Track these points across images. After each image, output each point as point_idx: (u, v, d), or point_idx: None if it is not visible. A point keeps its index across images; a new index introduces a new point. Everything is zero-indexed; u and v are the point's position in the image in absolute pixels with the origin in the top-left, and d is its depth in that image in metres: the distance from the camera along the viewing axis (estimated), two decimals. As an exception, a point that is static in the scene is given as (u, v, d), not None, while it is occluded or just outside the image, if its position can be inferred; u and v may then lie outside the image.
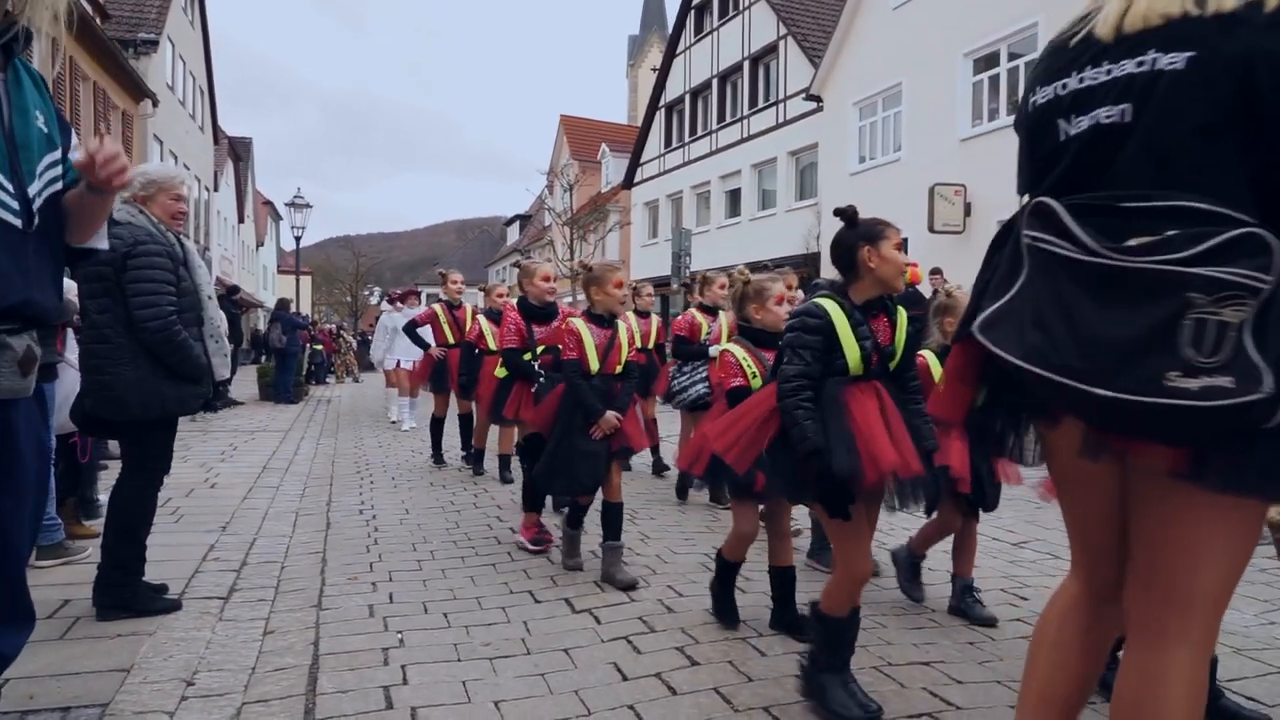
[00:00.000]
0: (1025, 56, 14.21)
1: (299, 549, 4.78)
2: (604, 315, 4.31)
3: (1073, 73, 1.58)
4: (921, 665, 3.20)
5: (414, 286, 12.45)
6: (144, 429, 3.55)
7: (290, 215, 19.45)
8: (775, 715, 2.75)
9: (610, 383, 4.28)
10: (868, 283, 2.72)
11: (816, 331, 2.65)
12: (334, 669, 3.08)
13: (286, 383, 14.80)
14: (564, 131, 40.32)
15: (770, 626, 3.53)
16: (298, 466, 7.69)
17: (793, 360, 2.64)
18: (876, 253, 2.67)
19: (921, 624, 3.68)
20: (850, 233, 2.73)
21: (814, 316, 2.67)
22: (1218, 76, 1.38)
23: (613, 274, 4.32)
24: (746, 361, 3.54)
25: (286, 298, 17.00)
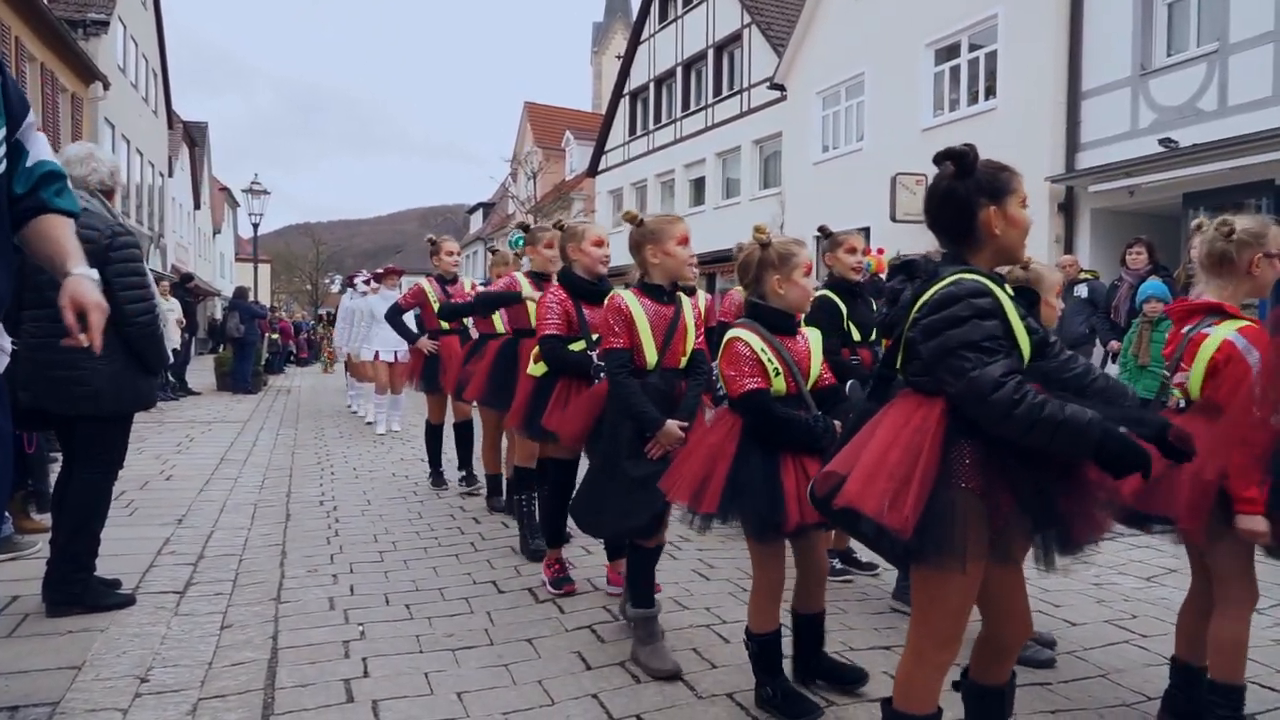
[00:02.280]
0: (986, 47, 14.35)
1: (258, 541, 4.70)
2: (663, 286, 3.20)
3: None
4: (883, 650, 3.24)
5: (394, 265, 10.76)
6: (107, 423, 3.49)
7: (248, 202, 19.09)
8: (739, 702, 2.76)
9: (672, 380, 3.19)
10: (988, 253, 1.97)
11: (991, 314, 1.83)
12: (293, 663, 3.04)
13: (245, 372, 14.56)
14: (528, 118, 39.97)
15: (794, 679, 2.84)
16: (256, 457, 7.57)
17: (985, 359, 1.78)
18: (1003, 214, 1.94)
19: (881, 609, 3.72)
20: (966, 184, 1.95)
21: (980, 295, 1.84)
22: None
23: (675, 228, 3.13)
24: (765, 354, 2.66)
25: (245, 286, 16.69)
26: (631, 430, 3.04)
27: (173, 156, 31.00)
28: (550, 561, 3.97)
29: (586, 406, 3.43)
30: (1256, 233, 2.46)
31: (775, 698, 2.67)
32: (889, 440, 1.89)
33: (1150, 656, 3.20)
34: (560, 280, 3.88)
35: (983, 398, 1.76)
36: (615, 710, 2.70)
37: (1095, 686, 2.94)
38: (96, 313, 1.94)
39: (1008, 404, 1.74)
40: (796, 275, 2.71)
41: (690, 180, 24.77)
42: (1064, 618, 3.61)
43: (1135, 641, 3.37)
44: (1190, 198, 11.02)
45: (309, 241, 63.33)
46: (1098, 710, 2.75)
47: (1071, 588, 3.96)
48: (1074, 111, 12.75)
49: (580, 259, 3.81)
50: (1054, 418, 1.72)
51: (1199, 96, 11.03)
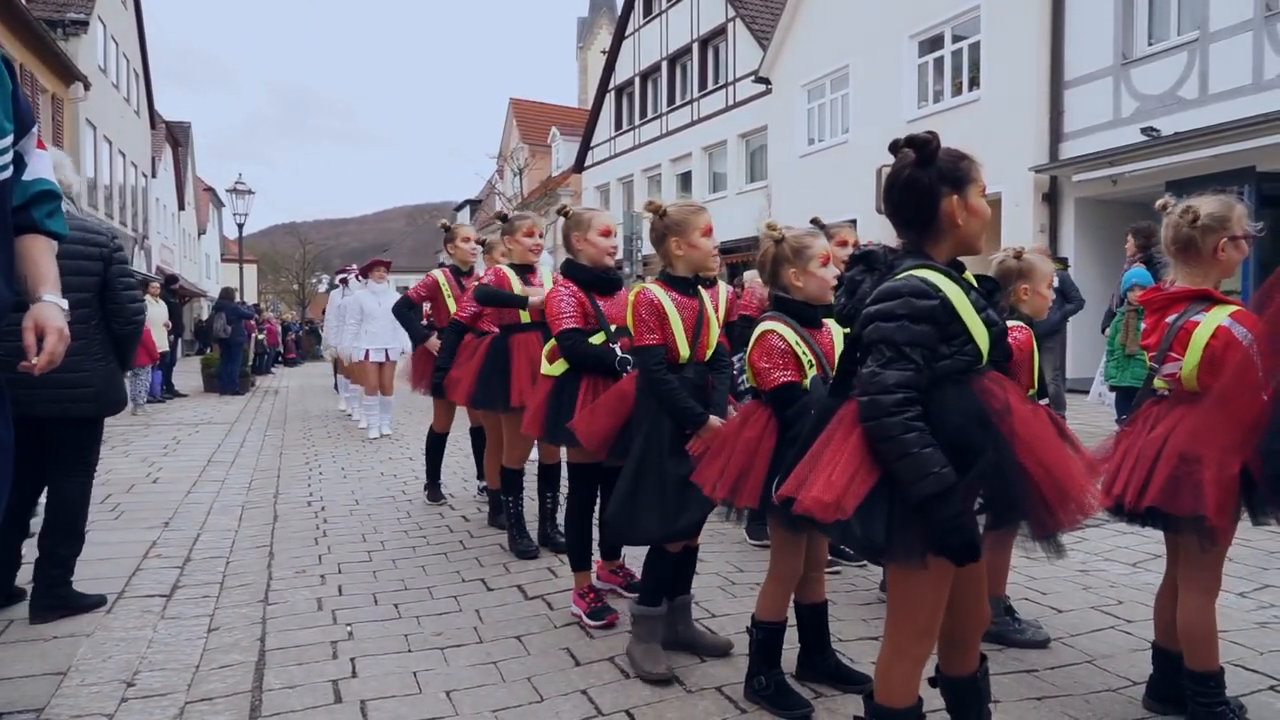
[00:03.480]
0: (969, 38, 14.39)
1: (245, 543, 4.68)
2: (688, 278, 3.09)
3: None
4: (871, 640, 3.25)
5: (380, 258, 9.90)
6: (95, 423, 3.55)
7: (232, 202, 18.97)
8: (727, 695, 2.77)
9: (703, 374, 3.10)
10: (948, 244, 1.96)
11: (928, 318, 1.82)
12: (281, 664, 3.03)
13: (232, 373, 14.50)
14: (513, 115, 39.85)
15: (797, 677, 2.85)
16: (244, 459, 7.53)
17: (894, 363, 1.81)
18: (965, 203, 1.92)
19: (869, 600, 3.73)
20: (927, 172, 1.92)
21: (922, 296, 1.83)
22: None
23: (700, 218, 3.03)
24: (800, 346, 2.63)
25: (231, 287, 16.61)
26: (672, 429, 2.91)
27: (156, 157, 30.78)
28: (584, 590, 3.54)
29: (612, 406, 3.21)
30: (1221, 216, 2.44)
31: (768, 689, 2.67)
32: (838, 439, 1.90)
33: (1136, 642, 3.22)
34: (567, 272, 3.63)
35: (869, 393, 1.82)
36: (604, 705, 2.70)
37: (1081, 672, 2.96)
38: (56, 337, 2.00)
39: (883, 410, 1.79)
40: (813, 266, 2.69)
41: (677, 175, 24.76)
42: (1051, 604, 3.63)
43: (1121, 627, 3.40)
44: (1173, 186, 11.06)
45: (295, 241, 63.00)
46: (1084, 696, 2.77)
47: (1058, 575, 3.98)
48: (1057, 101, 12.81)
49: (586, 249, 3.59)
50: (907, 447, 1.76)
51: (1180, 85, 11.09)
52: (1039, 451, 1.83)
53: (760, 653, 2.72)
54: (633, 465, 2.95)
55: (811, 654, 2.88)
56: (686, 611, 3.19)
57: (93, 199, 21.20)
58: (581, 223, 3.60)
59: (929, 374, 1.83)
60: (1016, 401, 1.89)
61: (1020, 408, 1.88)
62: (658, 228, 3.04)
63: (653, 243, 3.11)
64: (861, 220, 15.42)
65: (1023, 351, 2.99)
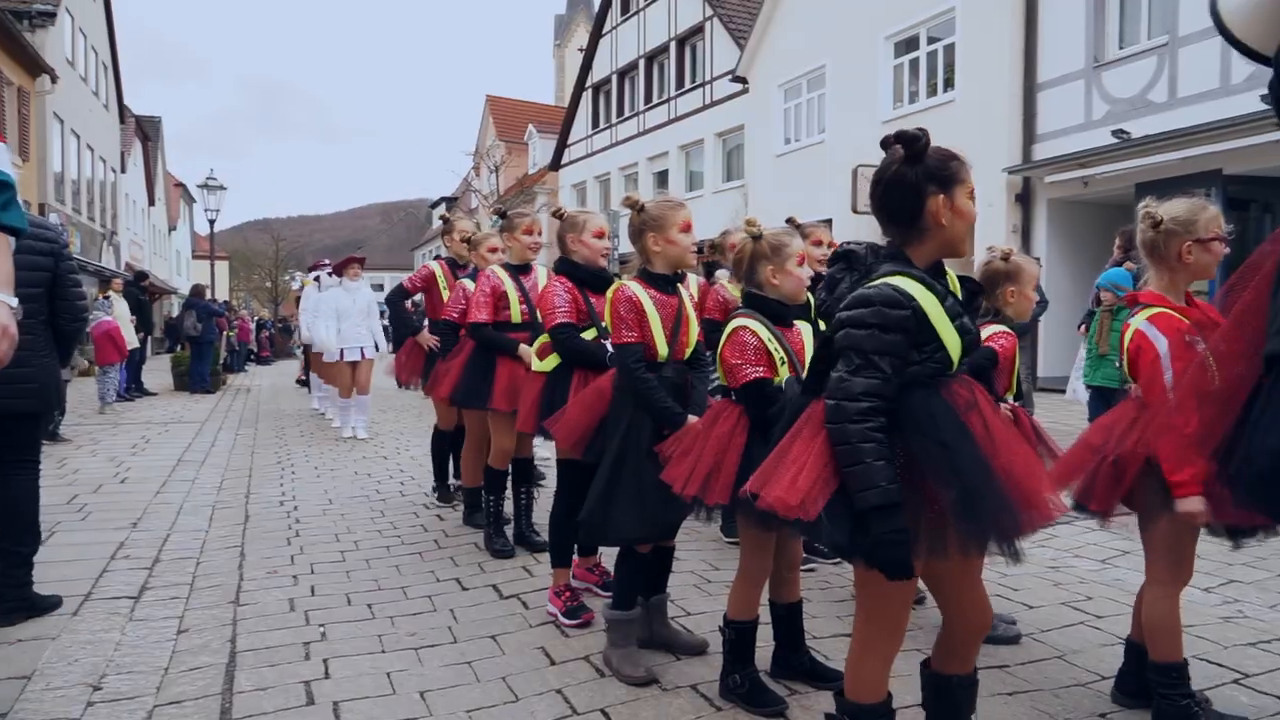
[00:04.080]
0: (944, 40, 14.52)
1: (215, 544, 4.63)
2: (667, 275, 3.05)
3: None
4: (845, 637, 3.27)
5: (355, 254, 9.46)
6: (39, 419, 3.52)
7: (204, 197, 18.72)
8: (703, 693, 2.77)
9: (682, 373, 3.05)
10: (932, 245, 1.93)
11: (899, 328, 1.81)
12: (252, 666, 2.99)
13: (203, 372, 14.32)
14: (490, 112, 39.70)
15: (772, 675, 2.86)
16: (215, 458, 7.45)
17: (862, 371, 1.81)
18: (950, 203, 1.89)
19: (843, 597, 3.76)
20: (915, 170, 1.89)
21: (895, 305, 1.82)
22: None
23: (678, 214, 2.99)
24: (772, 343, 2.64)
25: (202, 284, 16.39)
26: (651, 429, 2.87)
27: (125, 151, 30.30)
28: (560, 588, 3.50)
29: (589, 403, 3.17)
30: (1184, 220, 2.47)
31: (743, 687, 2.68)
32: (804, 436, 1.90)
33: (1105, 637, 3.27)
34: (562, 269, 3.63)
35: (835, 398, 1.82)
36: (580, 705, 2.70)
37: (1051, 667, 2.99)
38: (7, 344, 2.06)
39: (846, 416, 1.79)
40: (790, 265, 2.69)
41: (654, 173, 24.77)
42: (1022, 601, 3.67)
43: (1090, 623, 3.44)
44: (1142, 188, 11.23)
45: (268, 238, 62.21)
46: (1054, 690, 2.80)
47: (1029, 571, 4.02)
48: (1030, 103, 12.96)
49: (580, 250, 3.59)
50: (861, 456, 1.77)
51: (1150, 88, 11.26)
52: (1004, 454, 1.82)
53: (734, 651, 2.72)
54: (609, 465, 2.89)
55: (786, 652, 2.89)
56: (662, 611, 3.18)
57: (60, 194, 20.85)
58: (576, 224, 3.61)
59: (897, 382, 1.82)
60: (984, 404, 1.89)
61: (987, 409, 1.88)
62: (635, 223, 3.00)
63: (630, 238, 3.07)
64: (837, 220, 15.52)
65: (1006, 356, 3.01)
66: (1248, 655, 3.09)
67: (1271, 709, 2.69)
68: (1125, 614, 3.53)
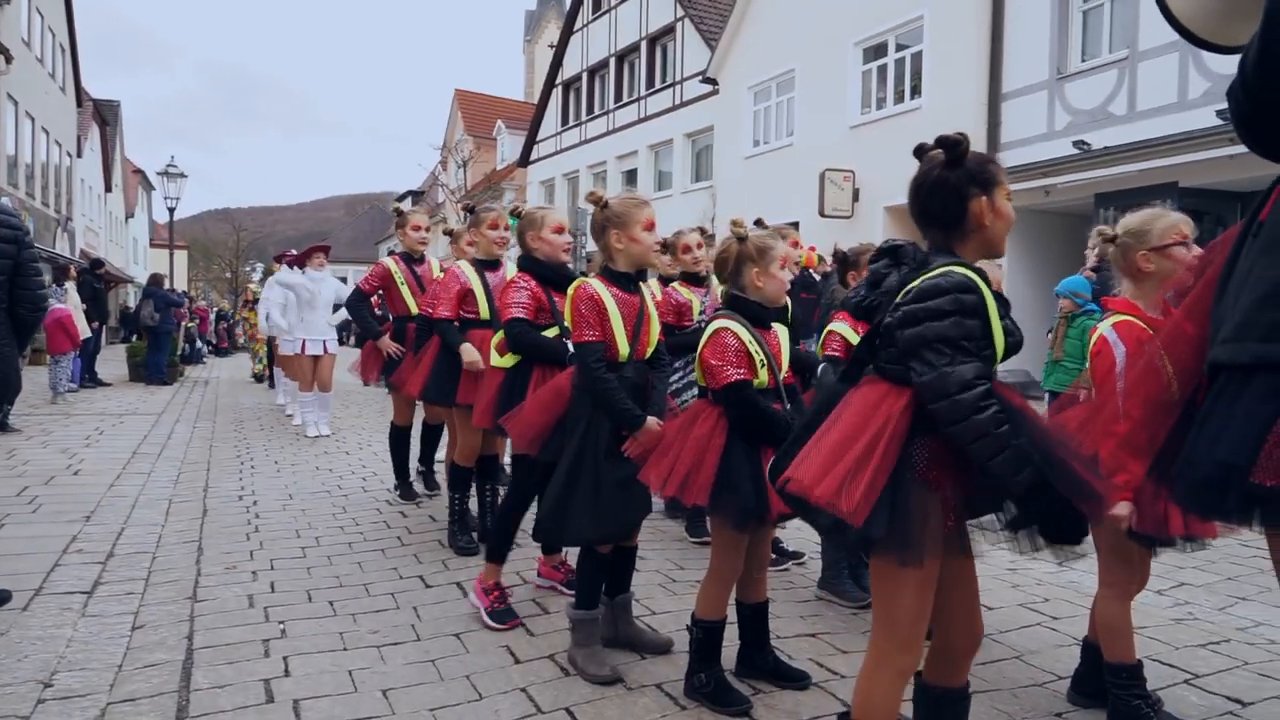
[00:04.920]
0: (912, 47, 14.67)
1: (172, 538, 4.53)
2: (629, 273, 3.00)
3: None
4: (808, 638, 3.30)
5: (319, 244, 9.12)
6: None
7: (163, 185, 18.35)
8: (668, 692, 2.78)
9: (643, 373, 3.01)
10: (974, 245, 1.93)
11: (975, 313, 1.80)
12: (210, 663, 2.94)
13: (159, 363, 14.02)
14: (458, 106, 39.37)
15: (736, 674, 2.87)
16: (172, 451, 7.30)
17: (959, 358, 1.76)
18: (992, 204, 1.90)
19: (807, 598, 3.79)
20: (958, 173, 1.91)
21: (968, 290, 1.80)
22: None
23: (642, 212, 2.95)
24: (753, 345, 2.64)
25: (160, 273, 16.05)
26: (611, 429, 2.83)
27: (82, 136, 29.57)
28: (489, 585, 3.44)
29: (546, 402, 3.11)
30: (1136, 230, 2.53)
31: (708, 686, 2.69)
32: (849, 427, 1.85)
33: (1061, 638, 3.33)
34: (525, 267, 3.62)
35: (949, 395, 1.74)
36: (544, 703, 2.69)
37: (1010, 667, 3.04)
38: None
39: (970, 408, 1.72)
40: (774, 268, 2.69)
41: (623, 172, 24.74)
42: (982, 602, 3.72)
43: (1047, 624, 3.51)
44: (1101, 198, 11.48)
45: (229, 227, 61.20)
46: (1012, 690, 2.85)
47: (988, 573, 4.09)
48: (994, 113, 13.15)
49: (541, 246, 3.57)
50: (1004, 439, 1.72)
51: (1110, 101, 11.49)
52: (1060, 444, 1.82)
53: (700, 651, 2.73)
54: (567, 465, 2.86)
55: (751, 652, 2.91)
56: (627, 610, 3.18)
57: (13, 178, 20.29)
58: (535, 221, 3.58)
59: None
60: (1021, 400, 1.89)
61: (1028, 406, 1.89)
62: (598, 220, 2.96)
63: (593, 235, 3.02)
64: (805, 223, 15.61)
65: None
66: (1198, 656, 3.17)
67: (1221, 709, 2.77)
68: (1081, 615, 3.60)
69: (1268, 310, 1.26)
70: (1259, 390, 1.25)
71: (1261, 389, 1.25)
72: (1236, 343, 1.30)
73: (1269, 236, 1.33)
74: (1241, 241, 1.44)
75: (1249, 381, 1.27)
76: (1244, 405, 1.26)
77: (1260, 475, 1.20)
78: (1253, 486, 1.21)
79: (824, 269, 10.32)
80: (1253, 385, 1.26)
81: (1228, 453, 1.27)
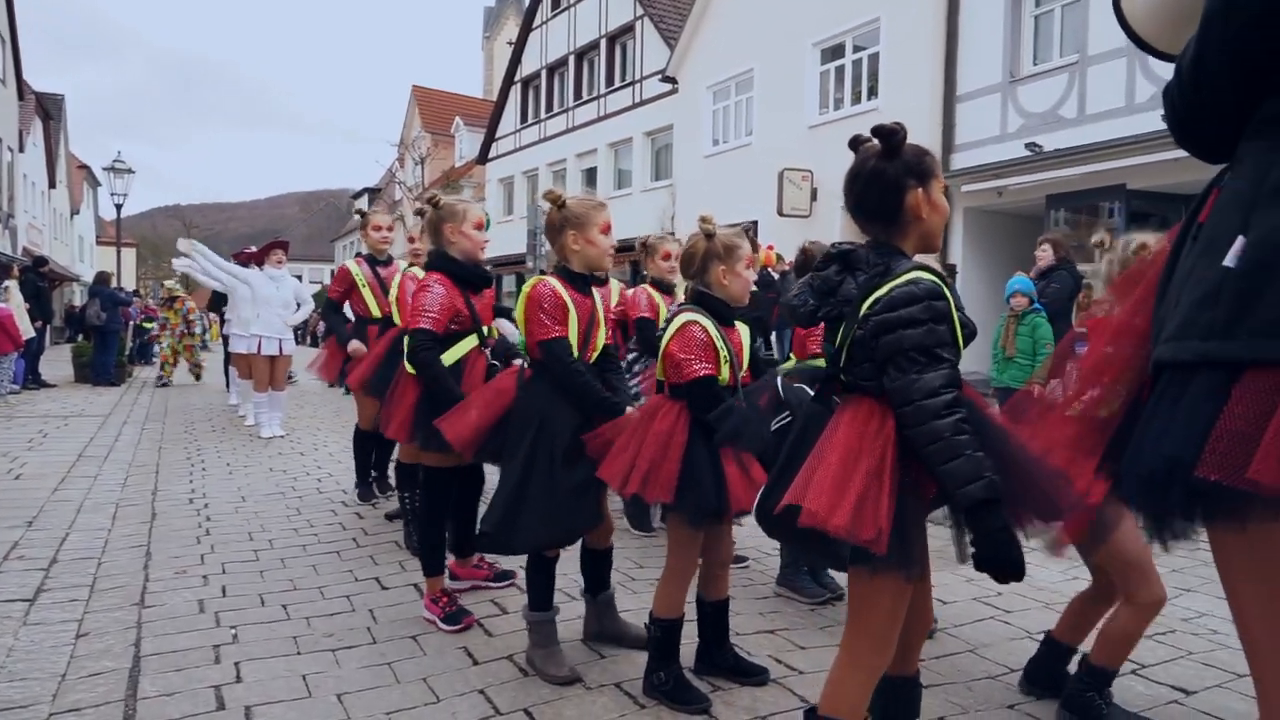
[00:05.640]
0: (869, 49, 14.85)
1: (119, 543, 4.42)
2: (584, 275, 2.95)
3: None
4: (767, 634, 3.32)
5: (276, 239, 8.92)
6: None
7: (110, 181, 17.87)
8: (626, 691, 2.77)
9: (595, 374, 2.95)
10: (912, 239, 1.92)
11: (945, 318, 1.79)
12: (158, 670, 2.86)
13: (107, 363, 13.67)
14: (416, 102, 38.96)
15: (695, 671, 2.88)
16: (119, 454, 7.11)
17: (931, 366, 1.75)
18: (928, 197, 1.89)
19: (765, 594, 3.81)
20: (894, 164, 1.88)
21: (938, 296, 1.79)
22: None
23: (600, 214, 2.91)
24: (719, 340, 2.64)
25: (107, 271, 15.65)
26: (567, 435, 2.74)
27: (24, 130, 28.71)
28: (436, 595, 3.38)
29: (487, 402, 2.98)
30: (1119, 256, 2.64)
31: (667, 684, 2.69)
32: (848, 450, 1.79)
33: (1014, 631, 3.39)
34: (440, 265, 3.34)
35: (913, 400, 1.74)
36: (503, 705, 2.67)
37: (964, 660, 3.09)
38: None
39: (932, 413, 1.72)
40: (739, 267, 2.71)
41: (583, 170, 24.71)
42: (936, 596, 3.77)
43: (1000, 617, 3.57)
44: (1052, 199, 11.72)
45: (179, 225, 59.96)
46: (966, 683, 2.89)
47: (943, 567, 4.14)
48: (949, 114, 13.36)
49: (460, 242, 3.36)
50: (960, 449, 1.69)
51: (1061, 104, 11.73)
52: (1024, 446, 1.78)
53: (659, 649, 2.73)
54: (518, 472, 2.73)
55: (710, 648, 2.91)
56: (610, 606, 3.20)
57: (-49, 172, 19.62)
58: (456, 214, 3.37)
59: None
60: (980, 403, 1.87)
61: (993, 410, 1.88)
62: (555, 220, 2.90)
63: (548, 235, 2.95)
64: (764, 222, 15.73)
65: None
66: (1144, 646, 3.23)
67: (1166, 698, 2.84)
68: (1033, 609, 3.68)
69: (1206, 310, 1.30)
70: (1202, 387, 1.28)
71: (1204, 386, 1.28)
72: (1179, 341, 1.34)
73: (1207, 239, 1.37)
74: (1181, 243, 1.47)
75: (1191, 379, 1.30)
76: (1188, 402, 1.29)
77: (1204, 470, 1.22)
78: (1197, 481, 1.24)
79: (783, 267, 10.43)
80: (1195, 382, 1.30)
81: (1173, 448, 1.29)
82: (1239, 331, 1.24)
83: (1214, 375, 1.27)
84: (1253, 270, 1.25)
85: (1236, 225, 1.30)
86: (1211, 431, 1.24)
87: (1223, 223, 1.33)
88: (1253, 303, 1.23)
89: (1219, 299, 1.28)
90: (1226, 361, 1.25)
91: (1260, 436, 1.18)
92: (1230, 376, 1.24)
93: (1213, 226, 1.37)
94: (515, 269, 24.86)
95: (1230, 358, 1.24)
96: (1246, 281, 1.25)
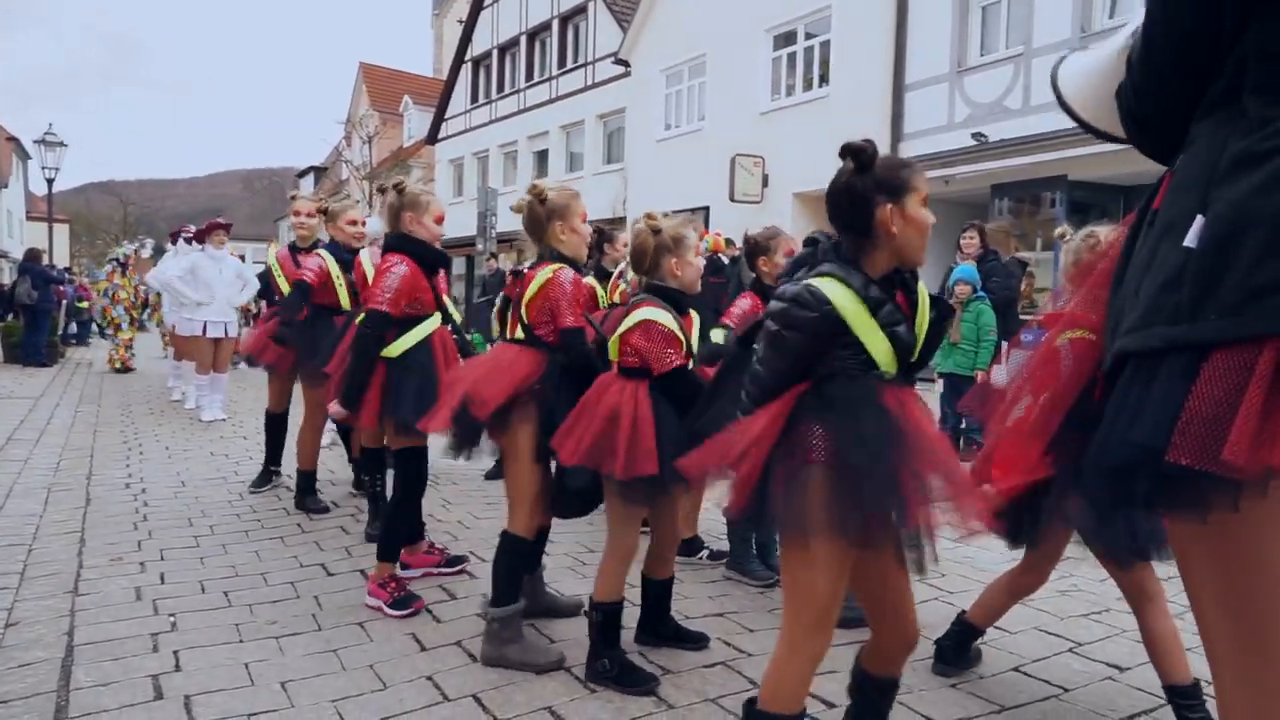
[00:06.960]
0: (820, 36, 14.94)
1: (51, 529, 4.28)
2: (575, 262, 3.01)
3: None
4: (716, 617, 3.35)
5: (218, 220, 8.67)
6: None
7: (40, 154, 17.18)
8: (576, 675, 2.77)
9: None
10: (885, 253, 1.95)
11: (800, 327, 1.88)
12: (92, 660, 2.78)
13: (38, 343, 13.21)
14: (363, 80, 38.13)
15: (636, 640, 2.97)
16: (51, 437, 6.88)
17: (769, 360, 1.94)
18: (900, 212, 1.91)
19: (715, 578, 3.84)
20: (864, 180, 1.92)
21: (804, 306, 1.87)
22: None
23: (578, 204, 2.98)
24: (680, 332, 2.70)
25: (37, 248, 15.07)
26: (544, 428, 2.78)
27: (-53, 99, 27.41)
28: (384, 579, 3.32)
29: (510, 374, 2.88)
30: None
31: (612, 670, 2.69)
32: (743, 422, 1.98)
33: (954, 611, 3.46)
34: (402, 246, 3.32)
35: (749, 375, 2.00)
36: (450, 691, 2.65)
37: (908, 642, 3.15)
38: None
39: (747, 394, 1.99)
40: (689, 255, 2.77)
41: (534, 152, 24.48)
42: (881, 579, 3.85)
43: (943, 598, 3.65)
44: (997, 189, 11.96)
45: (114, 201, 57.94)
46: (910, 662, 2.94)
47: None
48: (898, 103, 13.51)
49: (420, 233, 3.36)
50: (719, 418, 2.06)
51: (1006, 95, 11.95)
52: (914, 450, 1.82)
53: (602, 635, 2.73)
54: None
55: (652, 619, 3.01)
56: (539, 581, 3.30)
57: None
58: (419, 204, 3.37)
59: (797, 371, 1.92)
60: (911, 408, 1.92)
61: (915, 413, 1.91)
62: (539, 213, 2.90)
63: (532, 230, 2.95)
64: (715, 207, 15.78)
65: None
66: (1081, 625, 3.36)
67: (1101, 674, 2.93)
68: (975, 590, 3.76)
69: (1171, 293, 1.27)
70: (1171, 372, 1.26)
71: (1173, 370, 1.25)
72: (1145, 329, 1.31)
73: (1164, 223, 1.35)
74: (1136, 232, 1.47)
75: (1160, 365, 1.28)
76: (1158, 388, 1.27)
77: (1175, 454, 1.21)
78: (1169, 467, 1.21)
79: (732, 252, 10.46)
80: (1164, 368, 1.27)
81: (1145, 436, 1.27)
82: (1205, 312, 1.22)
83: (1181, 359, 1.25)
84: (1213, 248, 1.22)
85: (1194, 205, 1.27)
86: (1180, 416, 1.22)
87: (1179, 204, 1.31)
88: (1216, 281, 1.21)
89: (1182, 281, 1.25)
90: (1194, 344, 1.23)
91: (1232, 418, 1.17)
92: (1198, 358, 1.23)
93: (1168, 209, 1.35)
94: (465, 251, 24.55)
95: (1200, 340, 1.22)
96: (1209, 260, 1.22)
